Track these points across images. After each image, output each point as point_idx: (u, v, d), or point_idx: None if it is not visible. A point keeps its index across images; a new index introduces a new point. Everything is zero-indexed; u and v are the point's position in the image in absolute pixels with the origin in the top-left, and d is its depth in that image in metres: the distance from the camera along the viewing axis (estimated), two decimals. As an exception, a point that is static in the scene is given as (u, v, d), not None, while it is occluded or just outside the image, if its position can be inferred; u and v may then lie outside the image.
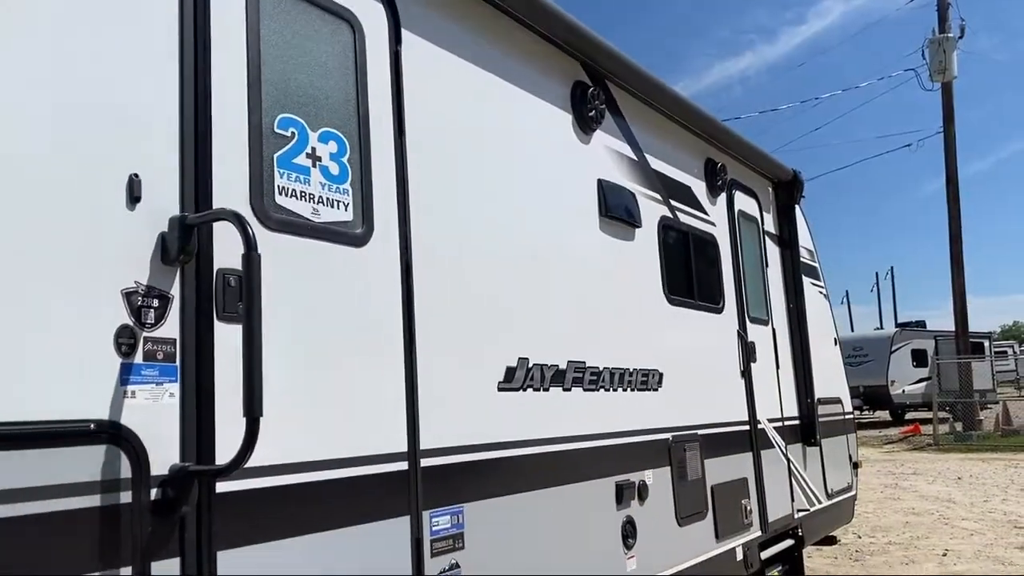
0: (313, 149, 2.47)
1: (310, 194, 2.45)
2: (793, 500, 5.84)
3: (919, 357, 27.26)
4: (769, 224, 6.32)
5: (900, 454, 19.20)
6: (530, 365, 3.35)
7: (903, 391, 26.93)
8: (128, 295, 1.95)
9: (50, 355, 1.79)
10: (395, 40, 2.88)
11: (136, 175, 1.99)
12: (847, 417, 7.38)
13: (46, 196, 1.82)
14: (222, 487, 2.06)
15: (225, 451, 2.06)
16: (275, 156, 2.35)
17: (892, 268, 59.50)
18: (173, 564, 1.97)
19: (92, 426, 1.83)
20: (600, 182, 4.04)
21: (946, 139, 23.04)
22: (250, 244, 1.99)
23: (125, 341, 1.93)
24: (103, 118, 1.96)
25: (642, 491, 4.01)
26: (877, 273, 79.06)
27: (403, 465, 2.65)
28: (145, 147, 2.04)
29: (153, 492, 1.93)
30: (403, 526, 2.61)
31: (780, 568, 5.81)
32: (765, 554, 5.33)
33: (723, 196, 5.49)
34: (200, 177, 2.13)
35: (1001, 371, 35.04)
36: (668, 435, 4.36)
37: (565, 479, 3.48)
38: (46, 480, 1.74)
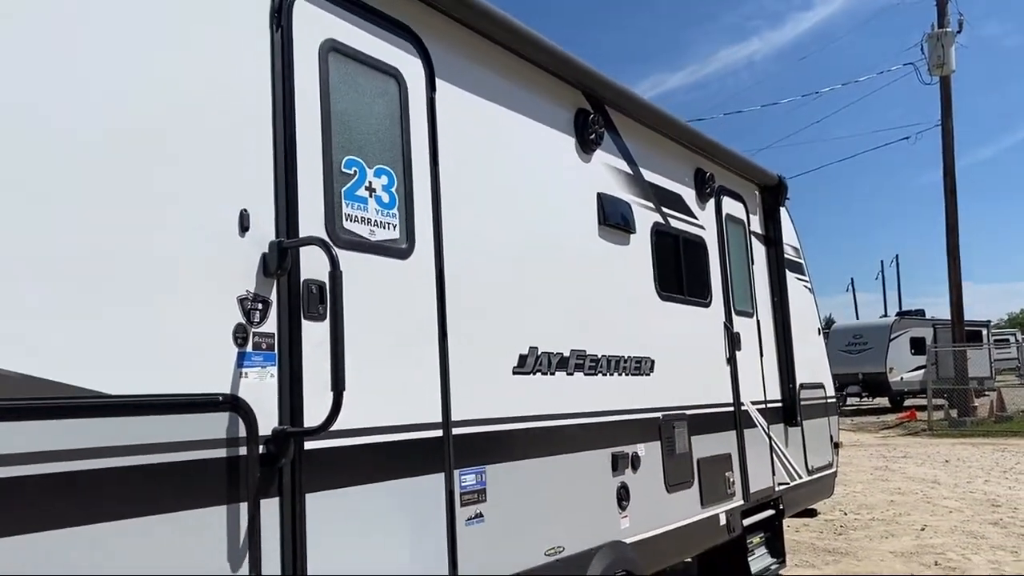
0: (370, 183, 3.13)
1: (368, 218, 3.11)
2: (774, 474, 6.50)
3: (918, 345, 27.83)
4: (755, 225, 6.96)
5: (894, 439, 19.86)
6: (539, 353, 4.02)
7: (901, 378, 27.55)
8: (241, 301, 2.62)
9: (192, 345, 2.46)
10: (430, 87, 3.54)
11: (245, 210, 2.66)
12: (829, 401, 8.02)
13: (192, 229, 2.49)
14: (309, 445, 2.74)
15: (310, 418, 2.73)
16: (342, 190, 3.01)
17: (897, 256, 59.86)
18: (274, 502, 2.64)
19: (220, 398, 2.50)
20: (600, 195, 4.69)
21: (944, 132, 23.56)
22: (334, 264, 2.65)
23: (240, 335, 2.60)
24: (223, 167, 2.62)
25: (635, 461, 4.68)
26: (882, 261, 79.25)
27: (438, 432, 3.32)
28: (250, 189, 2.70)
29: (261, 448, 2.60)
30: (439, 481, 3.28)
31: (762, 535, 6.49)
32: (747, 521, 6.00)
33: (712, 202, 6.13)
34: (289, 210, 2.79)
35: (1003, 359, 35.51)
36: (659, 414, 5.02)
37: (568, 448, 4.14)
38: (193, 436, 2.41)
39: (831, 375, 7.79)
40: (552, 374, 4.10)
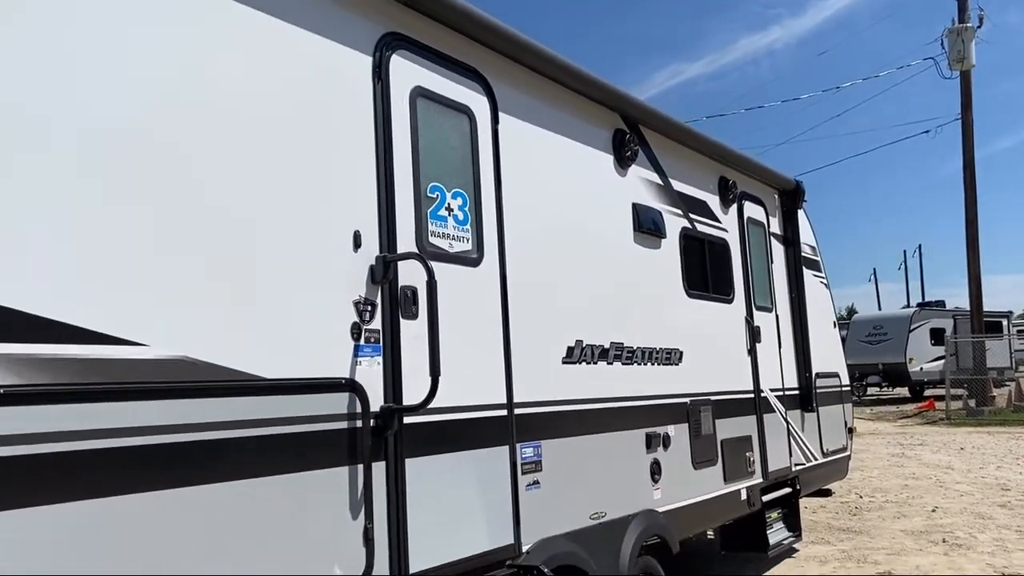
0: (449, 204, 3.77)
1: (447, 234, 3.75)
2: (791, 455, 7.10)
3: (937, 336, 28.18)
4: (775, 226, 7.54)
5: (912, 428, 20.33)
6: (583, 346, 4.65)
7: (921, 368, 27.93)
8: (356, 304, 3.27)
9: (322, 339, 3.11)
10: (495, 120, 4.16)
11: (358, 231, 3.30)
12: (844, 389, 8.60)
13: (321, 248, 3.14)
14: (408, 420, 3.38)
15: (408, 398, 3.37)
16: (428, 211, 3.65)
17: (920, 246, 59.77)
18: (382, 465, 3.29)
19: (343, 381, 3.16)
20: (634, 205, 5.31)
21: (964, 126, 23.90)
22: (430, 274, 3.30)
23: (355, 331, 3.25)
24: (342, 197, 3.27)
25: (666, 441, 5.31)
26: (905, 251, 79.05)
27: (503, 412, 3.96)
28: (361, 213, 3.34)
29: (372, 421, 3.26)
30: (505, 452, 3.93)
31: (780, 511, 7.10)
32: (766, 497, 6.61)
33: (734, 206, 6.72)
34: (390, 230, 3.43)
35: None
36: (687, 399, 5.64)
37: (608, 428, 4.78)
38: (323, 411, 3.07)
39: (851, 365, 8.33)
40: (595, 364, 4.73)
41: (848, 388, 8.82)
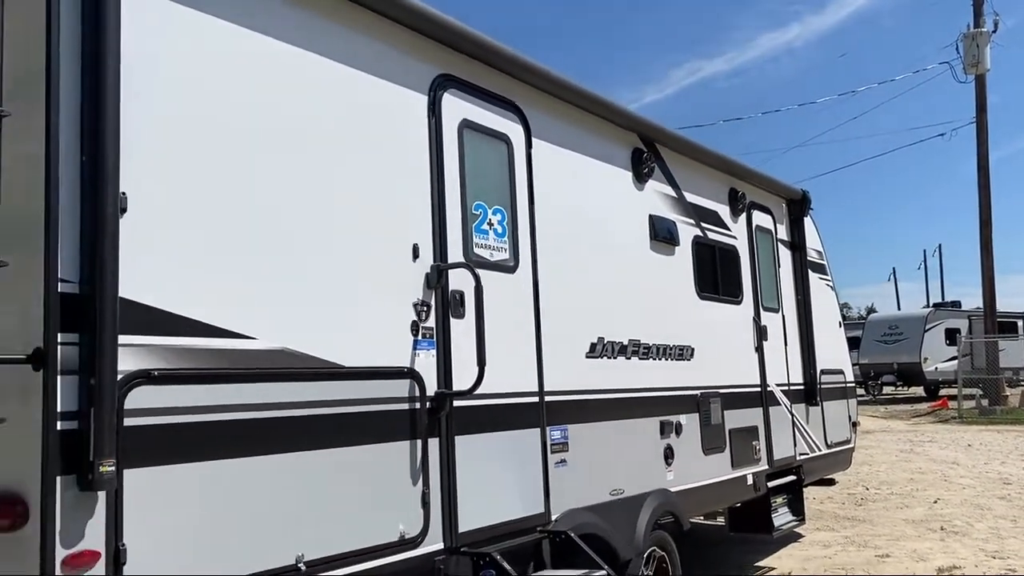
0: (490, 220, 4.39)
1: (488, 245, 4.36)
2: (796, 445, 7.67)
3: (952, 336, 28.53)
4: (782, 233, 8.10)
5: (924, 426, 20.77)
6: (605, 342, 5.25)
7: (936, 368, 28.29)
8: (415, 305, 3.89)
9: (389, 335, 3.74)
10: (528, 145, 4.78)
11: (416, 244, 3.93)
12: (848, 385, 9.15)
13: (389, 259, 3.77)
14: (457, 403, 4.00)
15: (457, 384, 3.99)
16: (473, 226, 4.27)
17: (940, 246, 59.90)
18: (436, 441, 3.91)
19: (405, 370, 3.78)
20: (651, 216, 5.90)
21: (979, 128, 24.27)
22: (477, 280, 3.92)
23: (414, 328, 3.87)
24: (404, 215, 3.89)
25: (678, 428, 5.89)
26: (924, 251, 79.15)
27: (535, 399, 4.57)
28: (418, 229, 3.96)
29: (428, 404, 3.88)
30: (536, 433, 4.54)
31: (784, 497, 7.66)
32: (771, 484, 7.18)
33: (743, 215, 7.29)
34: (441, 243, 4.05)
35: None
36: (698, 391, 6.22)
37: (626, 415, 5.38)
38: (390, 395, 3.69)
39: (866, 364, 8.74)
40: (615, 358, 5.34)
41: (852, 384, 9.37)
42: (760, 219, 7.60)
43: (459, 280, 4.10)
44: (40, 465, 2.54)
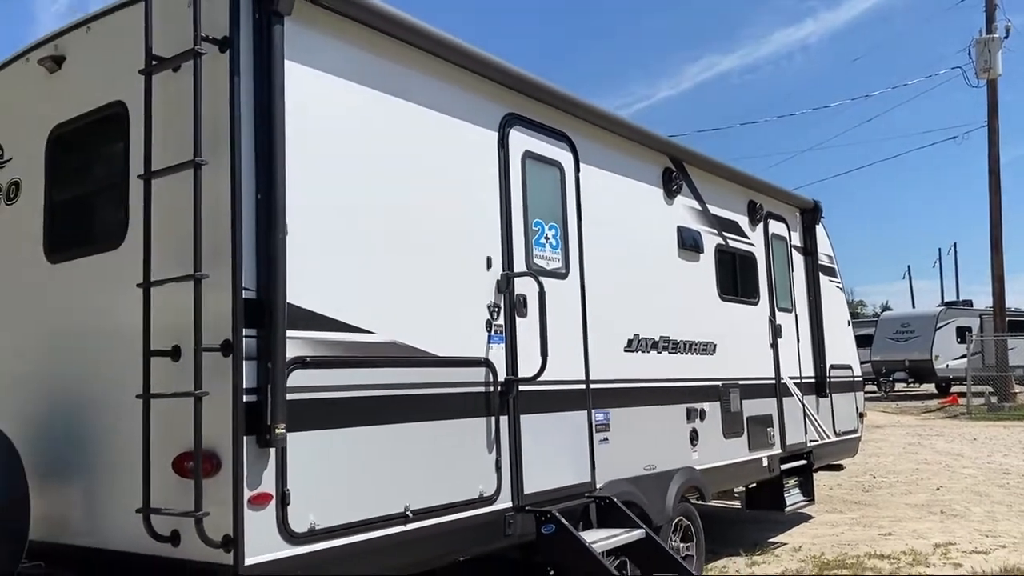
0: (546, 234, 5.21)
1: (545, 256, 5.19)
2: (807, 433, 8.45)
3: (964, 334, 29.10)
4: (796, 240, 8.88)
5: (933, 421, 21.45)
6: (640, 338, 6.07)
7: (947, 366, 28.88)
8: (488, 307, 4.72)
9: (470, 331, 4.57)
10: (576, 169, 5.60)
11: (489, 256, 4.76)
12: (855, 379, 9.92)
13: (469, 269, 4.60)
14: (522, 388, 4.83)
15: (522, 372, 4.81)
16: (533, 240, 5.10)
17: (955, 244, 60.28)
18: (505, 418, 4.74)
19: (482, 359, 4.62)
20: (679, 227, 6.71)
21: (990, 131, 24.86)
22: (541, 286, 4.75)
23: (488, 326, 4.70)
24: (480, 232, 4.72)
25: (702, 414, 6.70)
26: (940, 249, 79.28)
27: (583, 386, 5.40)
28: (491, 243, 4.79)
29: (499, 388, 4.71)
30: (584, 415, 5.37)
31: (796, 479, 8.45)
32: (784, 466, 7.97)
33: (760, 225, 8.08)
34: (508, 254, 4.88)
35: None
36: (719, 382, 7.03)
37: (658, 402, 6.19)
38: (470, 380, 4.53)
39: (878, 361, 9.41)
40: (648, 352, 6.15)
41: (860, 378, 10.14)
42: (776, 227, 8.38)
43: (522, 286, 4.92)
44: (231, 428, 3.39)
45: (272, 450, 3.48)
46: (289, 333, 3.56)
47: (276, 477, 3.49)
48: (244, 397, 3.41)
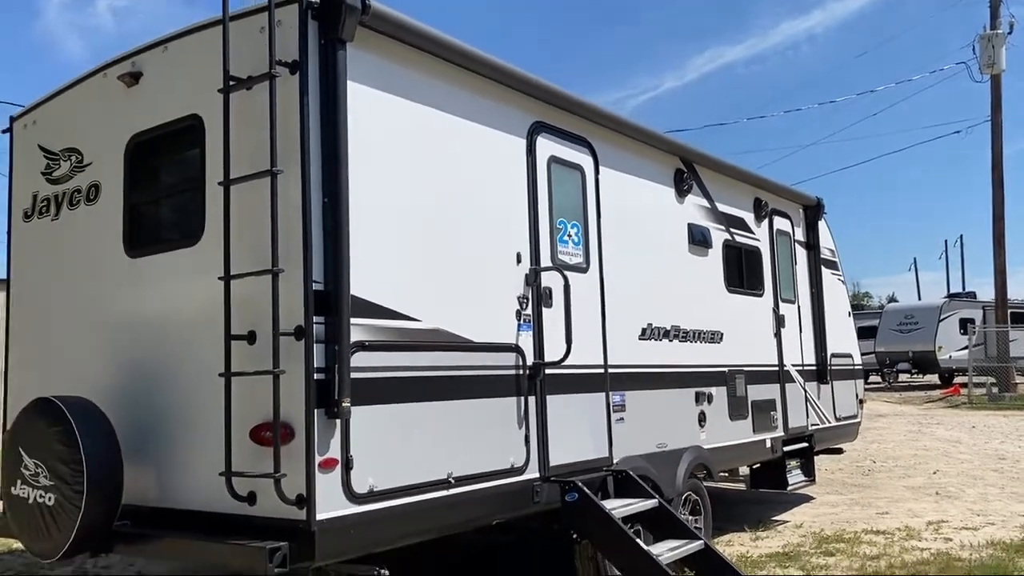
0: (569, 232, 5.72)
1: (568, 252, 5.70)
2: (808, 417, 8.96)
3: (967, 326, 29.51)
4: (799, 235, 9.37)
5: (935, 410, 21.93)
6: (653, 327, 6.58)
7: (950, 356, 29.30)
8: (518, 298, 5.24)
9: (502, 320, 5.09)
10: (596, 171, 6.10)
11: (519, 252, 5.28)
12: (856, 367, 10.42)
13: (502, 263, 5.12)
14: (548, 371, 5.35)
15: (548, 356, 5.33)
16: (557, 237, 5.61)
17: (961, 236, 60.52)
18: (533, 398, 5.26)
19: (513, 345, 5.13)
20: (689, 224, 7.21)
21: (993, 126, 25.24)
22: (566, 280, 5.27)
23: (517, 315, 5.22)
24: (511, 230, 5.24)
25: (710, 398, 7.22)
26: (946, 241, 79.58)
27: (602, 370, 5.92)
28: (520, 240, 5.31)
29: (527, 371, 5.22)
30: (602, 397, 5.89)
31: (798, 460, 8.97)
32: (786, 448, 8.49)
33: (766, 221, 8.57)
34: (536, 251, 5.39)
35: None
36: (726, 368, 7.54)
37: (669, 386, 6.71)
38: (503, 363, 5.05)
39: (882, 352, 9.78)
40: (660, 340, 6.67)
41: (860, 367, 10.64)
42: (780, 223, 8.87)
43: (548, 279, 5.44)
44: (304, 402, 3.91)
45: (338, 421, 4.00)
46: (352, 320, 4.09)
47: (341, 444, 4.02)
48: (315, 375, 3.93)
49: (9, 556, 7.99)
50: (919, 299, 48.60)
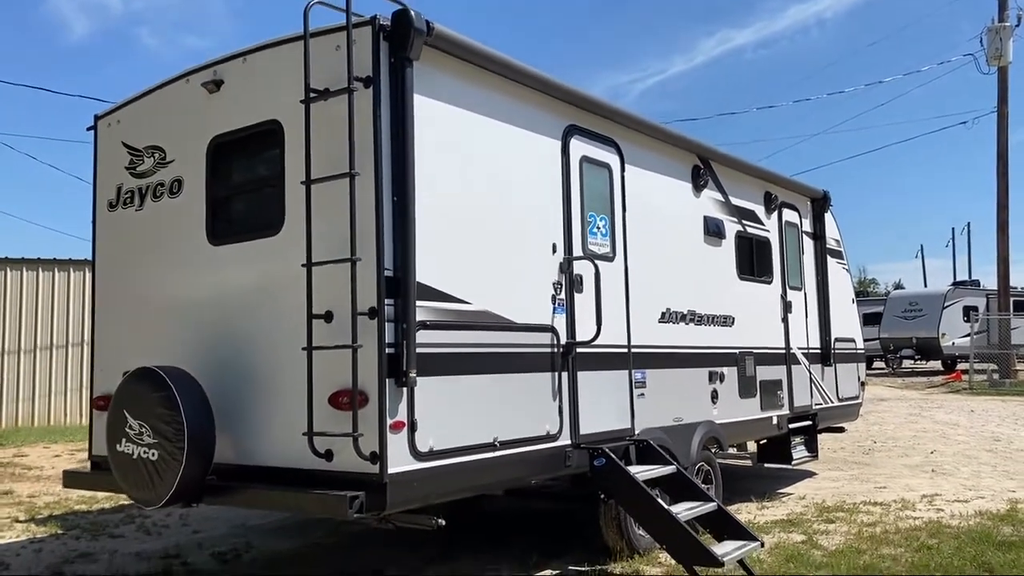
0: (598, 224, 6.33)
1: (597, 243, 6.31)
2: (812, 397, 9.58)
3: (970, 313, 30.06)
4: (806, 226, 9.96)
5: (936, 395, 22.53)
6: (671, 311, 7.19)
7: (953, 343, 29.90)
8: (553, 284, 5.86)
9: (539, 304, 5.71)
10: (622, 169, 6.70)
11: (555, 242, 5.89)
12: (858, 351, 11.03)
13: (539, 253, 5.74)
14: (579, 350, 5.97)
15: (579, 336, 5.95)
16: (588, 229, 6.22)
17: (968, 224, 60.84)
18: (566, 374, 5.88)
19: (548, 326, 5.76)
20: (704, 217, 7.80)
21: (999, 117, 25.67)
22: (596, 268, 5.89)
23: (552, 299, 5.83)
24: (548, 223, 5.85)
25: (722, 377, 7.84)
26: (953, 229, 79.91)
27: (625, 350, 6.54)
28: (556, 231, 5.92)
29: (561, 349, 5.85)
30: (626, 374, 6.52)
31: (802, 437, 9.59)
32: (791, 425, 9.11)
33: (775, 213, 9.15)
34: (569, 241, 6.01)
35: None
36: (736, 350, 8.16)
37: (685, 366, 7.33)
38: (540, 342, 5.67)
39: (886, 339, 10.28)
40: (677, 324, 7.28)
41: (862, 351, 11.25)
42: (788, 215, 9.45)
43: (579, 267, 6.05)
44: (376, 372, 4.54)
45: (405, 389, 4.63)
46: (417, 303, 4.71)
47: (407, 409, 4.65)
48: (386, 350, 4.56)
49: (72, 516, 8.69)
50: (925, 286, 49.10)
